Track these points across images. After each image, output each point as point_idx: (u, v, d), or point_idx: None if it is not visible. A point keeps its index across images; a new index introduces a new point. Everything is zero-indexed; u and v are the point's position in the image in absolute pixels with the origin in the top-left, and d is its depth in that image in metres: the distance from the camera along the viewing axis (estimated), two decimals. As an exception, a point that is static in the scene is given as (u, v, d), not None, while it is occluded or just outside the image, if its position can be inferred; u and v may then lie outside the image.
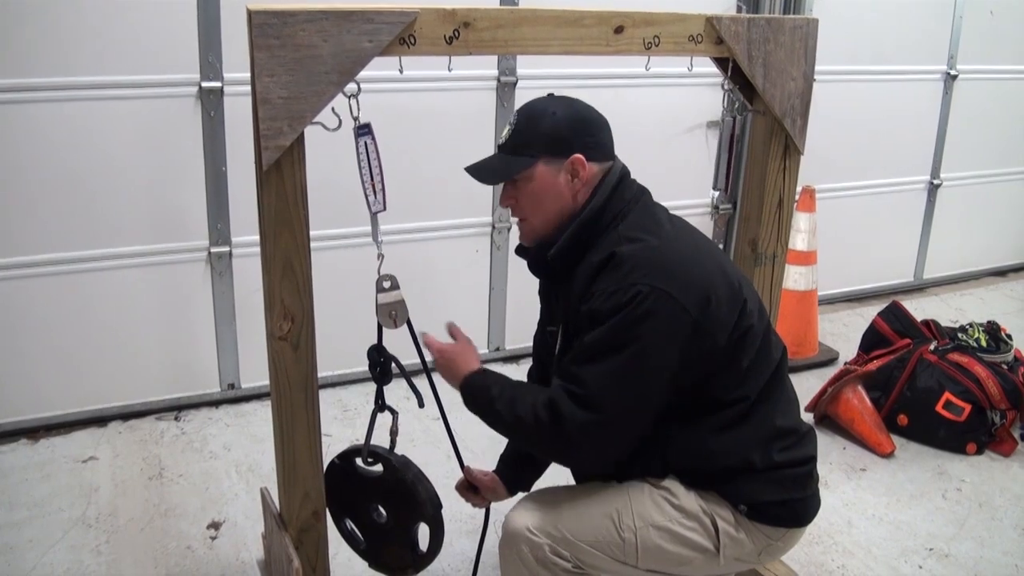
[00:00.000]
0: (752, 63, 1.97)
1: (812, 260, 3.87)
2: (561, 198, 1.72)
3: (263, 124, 1.60)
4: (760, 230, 2.19)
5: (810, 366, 3.79)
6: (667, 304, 1.57)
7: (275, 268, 1.71)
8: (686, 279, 1.61)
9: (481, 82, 3.38)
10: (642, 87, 3.58)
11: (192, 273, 3.15)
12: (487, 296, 3.66)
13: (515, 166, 1.72)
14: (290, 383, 1.79)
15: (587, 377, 1.60)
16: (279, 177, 1.65)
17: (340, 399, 3.36)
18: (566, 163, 1.71)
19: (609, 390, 1.58)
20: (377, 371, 1.92)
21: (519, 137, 1.73)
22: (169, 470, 2.89)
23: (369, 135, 1.74)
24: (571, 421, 1.59)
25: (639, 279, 1.59)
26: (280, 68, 1.58)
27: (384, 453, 1.93)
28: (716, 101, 3.79)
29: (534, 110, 1.74)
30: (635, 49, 1.83)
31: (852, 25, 4.06)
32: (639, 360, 1.58)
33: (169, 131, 2.98)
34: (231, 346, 3.27)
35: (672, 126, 3.81)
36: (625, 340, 1.58)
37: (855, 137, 4.27)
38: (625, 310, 1.57)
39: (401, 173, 3.26)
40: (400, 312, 1.85)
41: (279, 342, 1.75)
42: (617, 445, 1.65)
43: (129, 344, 3.13)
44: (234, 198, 3.10)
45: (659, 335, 1.58)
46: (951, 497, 2.85)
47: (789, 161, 2.16)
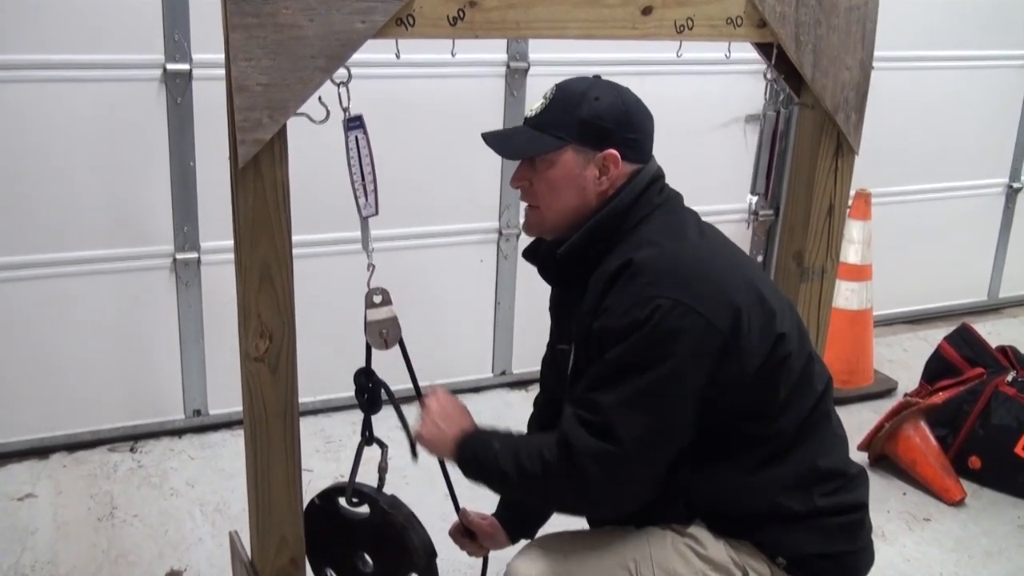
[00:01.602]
0: (800, 49, 1.99)
1: (867, 275, 3.89)
2: (583, 193, 1.74)
3: (239, 114, 1.61)
4: (807, 241, 2.21)
5: (864, 397, 3.80)
6: (693, 320, 1.58)
7: (251, 278, 1.73)
8: (713, 292, 1.62)
9: (488, 68, 3.41)
10: (671, 75, 3.59)
11: (154, 282, 3.18)
12: (492, 312, 3.69)
13: (540, 144, 1.74)
14: (266, 411, 1.81)
15: (602, 402, 1.60)
16: (257, 175, 1.67)
17: (323, 429, 3.38)
18: (598, 157, 1.73)
19: (628, 418, 1.59)
20: (364, 398, 1.94)
21: (552, 114, 1.75)
22: (122, 510, 2.90)
23: (360, 129, 1.77)
24: (583, 453, 1.60)
25: (659, 292, 1.60)
26: (259, 51, 1.60)
27: (371, 493, 1.95)
28: (757, 92, 3.79)
29: (575, 90, 1.76)
30: (665, 33, 1.85)
31: (918, 4, 4.07)
32: (662, 384, 1.59)
33: (128, 119, 3.01)
34: (198, 367, 3.29)
35: (705, 120, 3.84)
36: (646, 361, 1.59)
37: (919, 133, 4.28)
38: (645, 327, 1.58)
39: (396, 171, 3.27)
40: (392, 331, 1.87)
41: (255, 363, 1.77)
42: (637, 483, 1.66)
43: (77, 364, 3.15)
44: (204, 197, 3.13)
45: (684, 356, 1.59)
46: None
47: (841, 162, 2.17)
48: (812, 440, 1.74)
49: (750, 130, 3.92)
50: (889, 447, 3.26)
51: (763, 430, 1.70)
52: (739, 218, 4.04)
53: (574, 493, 1.68)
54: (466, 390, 3.64)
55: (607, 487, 1.63)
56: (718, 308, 1.61)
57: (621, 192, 1.74)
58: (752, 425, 1.70)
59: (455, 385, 3.56)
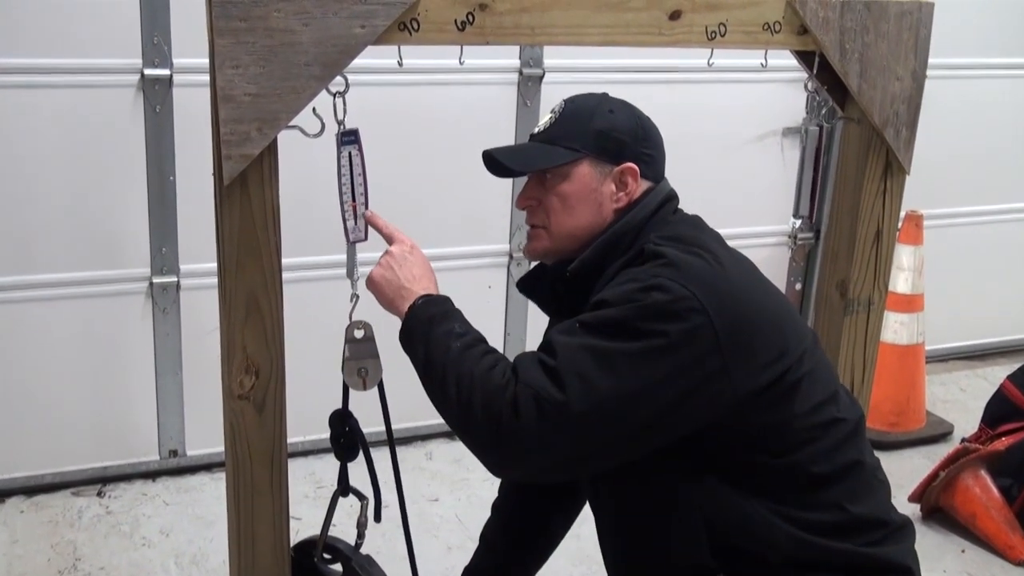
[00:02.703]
0: (845, 58, 2.00)
1: (918, 306, 3.88)
2: (598, 210, 1.78)
3: (225, 127, 1.62)
4: (852, 269, 2.20)
5: (915, 442, 3.78)
6: (697, 317, 1.57)
7: (236, 307, 1.73)
8: (725, 298, 1.61)
9: (499, 75, 3.43)
10: (702, 83, 3.62)
11: (128, 309, 3.19)
12: (502, 345, 3.69)
13: (554, 156, 1.77)
14: (251, 454, 1.81)
15: (562, 349, 1.56)
16: (244, 193, 1.68)
17: (313, 472, 3.37)
18: (615, 171, 1.77)
19: (586, 376, 1.54)
20: (340, 444, 1.94)
21: (564, 127, 1.79)
22: (87, 561, 2.89)
23: (355, 144, 1.78)
24: (526, 384, 1.54)
25: (670, 275, 1.60)
26: (248, 58, 1.61)
27: (345, 550, 1.95)
28: (796, 103, 3.82)
29: (586, 102, 1.82)
30: (695, 39, 1.86)
31: (972, 9, 4.08)
32: (641, 359, 1.55)
33: (101, 129, 3.03)
34: (175, 403, 3.30)
35: (739, 133, 3.85)
36: (631, 331, 1.55)
37: (975, 149, 4.28)
38: (642, 300, 1.57)
39: (395, 187, 3.28)
40: (372, 370, 1.87)
41: (239, 402, 1.77)
42: (559, 452, 1.57)
43: (40, 397, 3.15)
44: (184, 216, 3.14)
45: (676, 345, 1.56)
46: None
47: (891, 182, 2.17)
48: (843, 482, 1.73)
49: (788, 145, 3.93)
50: (945, 499, 3.24)
51: (781, 462, 1.69)
52: (775, 242, 4.04)
53: (493, 422, 1.57)
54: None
55: (527, 435, 1.54)
56: (726, 318, 1.59)
57: (635, 205, 1.78)
58: (769, 456, 1.68)
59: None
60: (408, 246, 1.84)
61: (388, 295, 1.78)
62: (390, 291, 1.78)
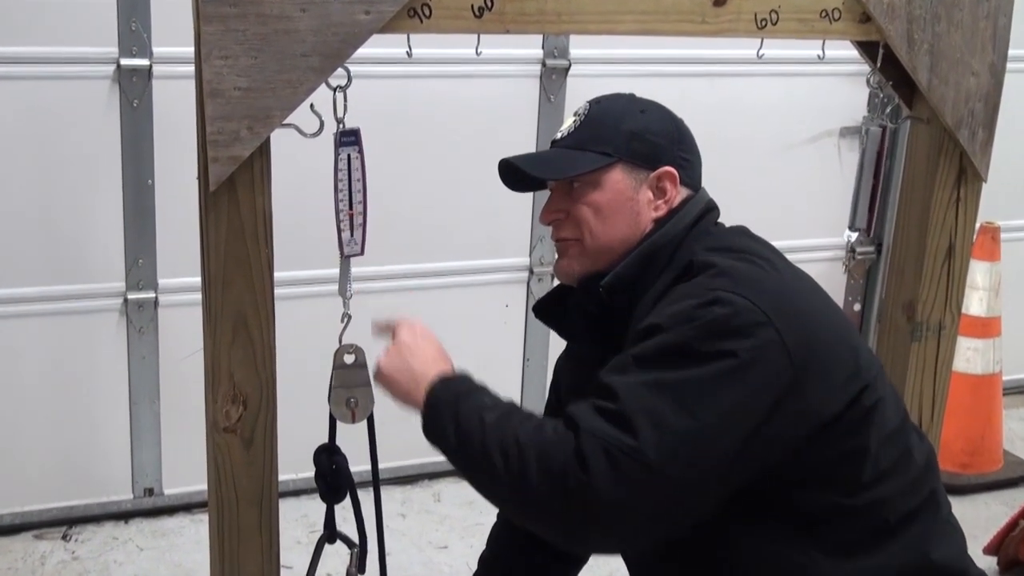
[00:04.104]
0: (914, 50, 1.99)
1: (994, 331, 3.86)
2: (636, 220, 1.77)
3: (212, 125, 1.62)
4: (920, 288, 2.20)
5: (991, 486, 3.76)
6: (766, 331, 1.56)
7: (222, 328, 1.73)
8: (791, 310, 1.60)
9: (519, 66, 3.44)
10: (749, 76, 3.62)
11: (99, 328, 3.20)
12: (520, 371, 3.70)
13: (583, 162, 1.77)
14: (238, 494, 1.80)
15: (624, 387, 1.53)
16: (233, 200, 1.68)
17: (306, 515, 3.37)
18: (651, 176, 1.77)
19: (656, 414, 1.50)
20: (326, 483, 1.94)
21: (591, 130, 1.79)
22: (52, 613, 2.91)
23: (355, 146, 1.77)
24: (591, 441, 1.49)
25: (731, 287, 1.59)
26: (238, 47, 1.61)
27: None
28: (857, 100, 3.81)
29: (614, 103, 1.83)
30: (743, 29, 1.85)
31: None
32: (714, 384, 1.53)
33: (71, 126, 3.05)
34: (151, 435, 3.30)
35: (791, 133, 3.84)
36: (697, 354, 1.54)
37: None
38: (703, 317, 1.55)
39: (401, 192, 3.30)
40: (363, 401, 1.87)
41: (225, 435, 1.77)
42: (645, 505, 1.52)
43: (0, 428, 3.16)
44: (164, 224, 3.15)
45: (748, 364, 1.54)
46: None
47: (965, 190, 2.17)
48: (919, 524, 1.72)
49: (846, 146, 3.92)
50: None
51: (856, 500, 1.67)
52: (831, 256, 4.04)
53: (557, 484, 1.51)
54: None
55: (600, 492, 1.49)
56: (795, 329, 1.58)
57: (674, 215, 1.78)
58: (843, 495, 1.67)
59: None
60: (417, 329, 1.81)
61: (403, 387, 1.74)
62: (404, 381, 1.74)
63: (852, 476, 1.67)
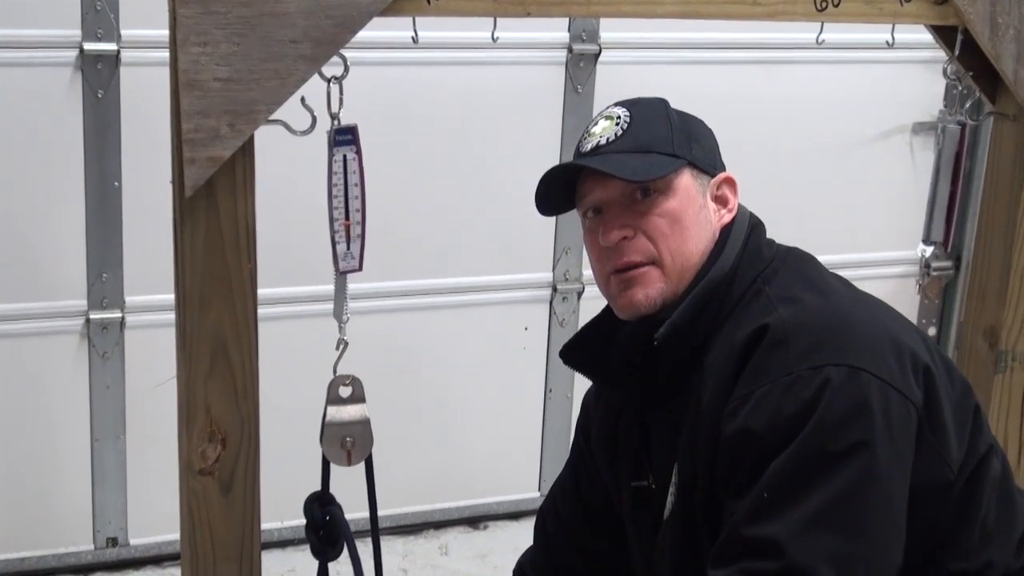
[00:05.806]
0: (997, 36, 1.99)
1: (1092, 360, 3.84)
2: (710, 232, 1.78)
3: (189, 122, 1.63)
4: (1004, 312, 2.20)
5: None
6: (878, 389, 1.59)
7: (199, 353, 1.73)
8: (891, 351, 1.63)
9: (542, 52, 3.45)
10: (808, 64, 3.60)
11: (56, 353, 3.21)
12: (541, 402, 3.69)
13: (658, 164, 1.75)
14: (215, 546, 1.80)
15: (782, 536, 1.56)
16: (211, 207, 1.68)
17: (293, 569, 3.38)
18: (712, 183, 1.79)
19: (826, 549, 1.55)
20: (319, 536, 1.95)
21: (647, 130, 1.77)
22: None
23: (352, 145, 1.77)
24: None
25: (823, 359, 1.60)
26: (218, 32, 1.61)
27: None
28: (932, 92, 3.80)
29: (650, 104, 1.82)
30: (800, 12, 1.86)
31: None
32: (862, 484, 1.57)
33: (27, 119, 3.06)
34: (115, 477, 3.31)
35: (855, 129, 3.83)
36: (830, 458, 1.57)
37: None
38: (816, 412, 1.57)
39: (405, 197, 3.30)
40: (360, 440, 1.87)
41: (200, 478, 1.77)
42: None
43: (-55, 468, 3.18)
44: (131, 235, 3.16)
45: (880, 437, 1.57)
46: None
47: (1057, 197, 2.17)
48: None
49: (919, 146, 3.92)
50: None
51: (968, 564, 1.70)
52: (902, 272, 4.02)
53: None
54: (501, 516, 3.63)
55: None
56: (902, 371, 1.62)
57: (723, 244, 1.77)
58: (955, 557, 1.69)
59: (483, 510, 3.57)
60: None
61: None
62: None
63: (965, 541, 1.70)
